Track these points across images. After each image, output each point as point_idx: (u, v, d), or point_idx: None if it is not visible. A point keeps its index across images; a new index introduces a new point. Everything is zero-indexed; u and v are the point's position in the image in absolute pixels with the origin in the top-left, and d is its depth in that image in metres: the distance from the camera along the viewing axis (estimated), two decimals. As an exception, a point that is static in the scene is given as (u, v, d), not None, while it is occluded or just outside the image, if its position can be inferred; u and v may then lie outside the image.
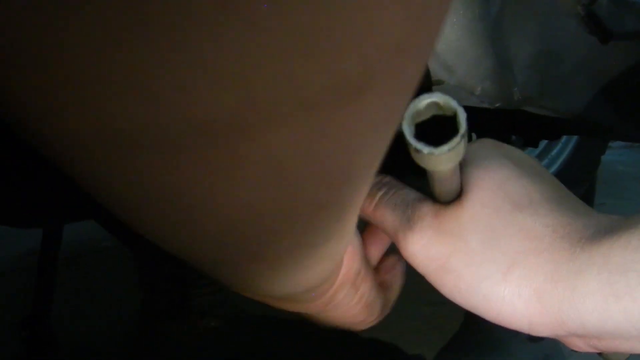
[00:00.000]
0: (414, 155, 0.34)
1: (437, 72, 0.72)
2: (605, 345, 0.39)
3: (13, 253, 1.70)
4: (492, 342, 1.12)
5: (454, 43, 0.67)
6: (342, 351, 1.05)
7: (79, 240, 1.71)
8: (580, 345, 0.41)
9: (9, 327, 1.12)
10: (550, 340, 0.46)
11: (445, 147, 0.32)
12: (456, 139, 0.32)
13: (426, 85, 0.70)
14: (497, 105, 0.78)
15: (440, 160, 0.33)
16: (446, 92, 0.75)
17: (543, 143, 1.67)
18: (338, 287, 0.41)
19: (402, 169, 0.46)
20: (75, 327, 1.19)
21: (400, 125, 0.32)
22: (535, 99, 0.80)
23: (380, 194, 0.43)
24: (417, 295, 0.46)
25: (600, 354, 0.48)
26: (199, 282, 1.04)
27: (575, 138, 1.69)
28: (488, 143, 0.44)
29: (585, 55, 0.77)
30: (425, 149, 0.32)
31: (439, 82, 0.73)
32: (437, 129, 0.33)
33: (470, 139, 0.86)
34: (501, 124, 0.95)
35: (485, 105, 0.77)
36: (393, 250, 0.47)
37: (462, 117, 0.32)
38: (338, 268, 0.39)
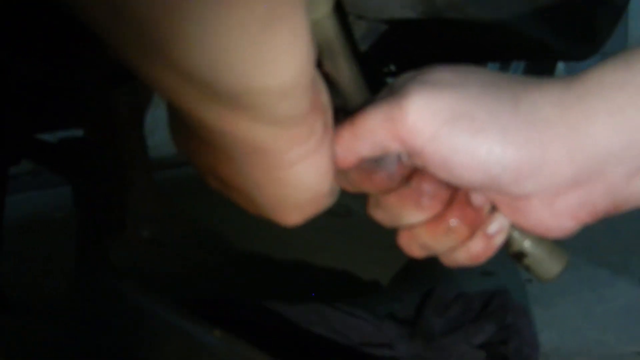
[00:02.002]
0: None
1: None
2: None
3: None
4: (446, 274, 1.12)
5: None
6: (299, 280, 1.04)
7: (31, 210, 1.69)
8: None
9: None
10: (503, 273, 0.46)
11: None
12: None
13: None
14: (420, 10, 0.75)
15: None
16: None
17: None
18: (318, 112, 0.39)
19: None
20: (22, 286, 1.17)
21: None
22: (460, 4, 0.77)
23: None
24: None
25: (528, 269, 0.47)
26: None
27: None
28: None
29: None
30: None
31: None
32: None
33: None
34: (430, 41, 0.92)
35: (407, 13, 0.75)
36: None
37: None
38: (303, 70, 0.34)
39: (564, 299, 1.21)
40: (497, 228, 0.44)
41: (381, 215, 0.46)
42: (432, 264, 0.50)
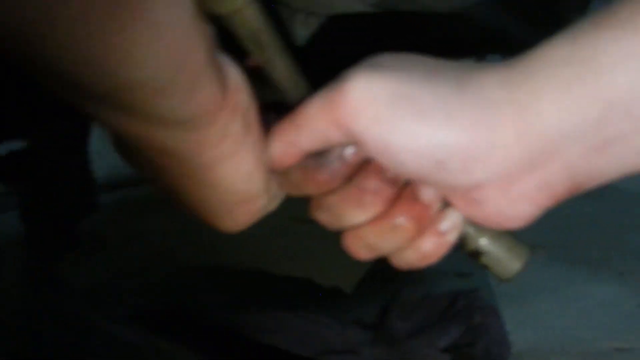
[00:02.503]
0: None
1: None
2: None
3: None
4: (416, 276, 1.09)
5: None
6: (258, 288, 1.01)
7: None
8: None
9: None
10: (479, 274, 0.44)
11: None
12: None
13: None
14: (371, 1, 0.73)
15: None
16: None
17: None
18: (229, 116, 0.37)
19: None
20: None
21: None
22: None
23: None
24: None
25: (486, 266, 0.45)
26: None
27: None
28: None
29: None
30: None
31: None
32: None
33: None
34: (388, 36, 0.90)
35: (360, 5, 0.72)
36: None
37: None
38: (173, 65, 0.33)
39: (540, 296, 1.18)
40: (449, 225, 0.42)
41: (325, 217, 0.43)
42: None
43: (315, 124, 0.39)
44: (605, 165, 0.37)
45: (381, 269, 1.12)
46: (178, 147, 0.37)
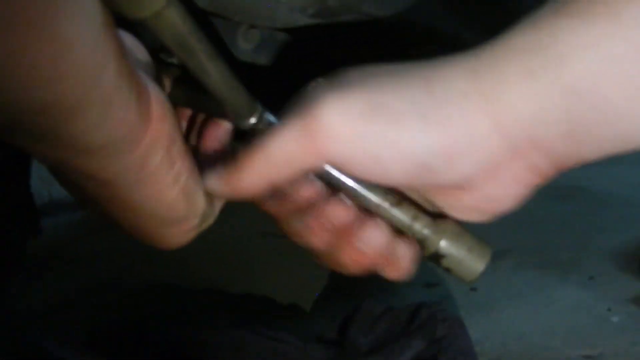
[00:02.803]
0: None
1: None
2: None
3: None
4: (382, 286, 1.08)
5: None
6: (214, 306, 0.99)
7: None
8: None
9: None
10: (447, 283, 0.43)
11: None
12: None
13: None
14: (311, 12, 0.70)
15: None
16: (250, 2, 0.67)
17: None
18: (148, 148, 0.36)
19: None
20: None
21: None
22: (354, 4, 0.72)
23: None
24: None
25: (448, 269, 0.44)
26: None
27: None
28: None
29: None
30: None
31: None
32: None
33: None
34: (338, 47, 0.87)
35: (301, 17, 0.70)
36: None
37: None
38: (76, 86, 0.30)
39: (509, 303, 1.17)
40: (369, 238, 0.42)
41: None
42: (363, 279, 0.46)
43: (290, 154, 0.38)
44: (585, 150, 0.37)
45: (342, 283, 1.11)
46: (95, 173, 0.36)
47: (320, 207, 0.41)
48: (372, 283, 1.06)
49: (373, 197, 0.42)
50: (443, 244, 0.43)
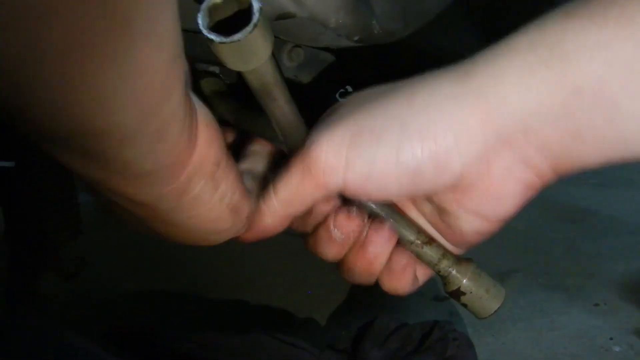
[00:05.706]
0: (214, 50, 0.34)
1: (284, 5, 0.67)
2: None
3: None
4: (393, 300, 1.10)
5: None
6: (234, 317, 1.01)
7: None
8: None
9: None
10: (453, 301, 0.46)
11: (237, 36, 0.33)
12: (248, 28, 0.33)
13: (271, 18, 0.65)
14: (356, 38, 0.73)
15: (238, 49, 0.34)
16: (298, 26, 0.70)
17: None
18: (191, 175, 0.36)
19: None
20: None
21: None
22: (398, 32, 0.76)
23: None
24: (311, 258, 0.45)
25: (465, 305, 0.48)
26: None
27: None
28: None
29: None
30: (217, 38, 0.33)
31: (288, 16, 0.68)
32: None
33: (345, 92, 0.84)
34: (371, 68, 0.90)
35: (345, 41, 0.73)
36: None
37: (255, 6, 0.33)
38: (135, 114, 0.30)
39: (515, 325, 1.19)
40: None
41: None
42: (378, 291, 0.50)
43: (299, 193, 0.42)
44: (584, 151, 0.37)
45: (359, 292, 1.13)
46: (133, 197, 0.36)
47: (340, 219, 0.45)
48: (383, 297, 1.08)
49: (408, 235, 0.46)
50: (465, 283, 0.47)
